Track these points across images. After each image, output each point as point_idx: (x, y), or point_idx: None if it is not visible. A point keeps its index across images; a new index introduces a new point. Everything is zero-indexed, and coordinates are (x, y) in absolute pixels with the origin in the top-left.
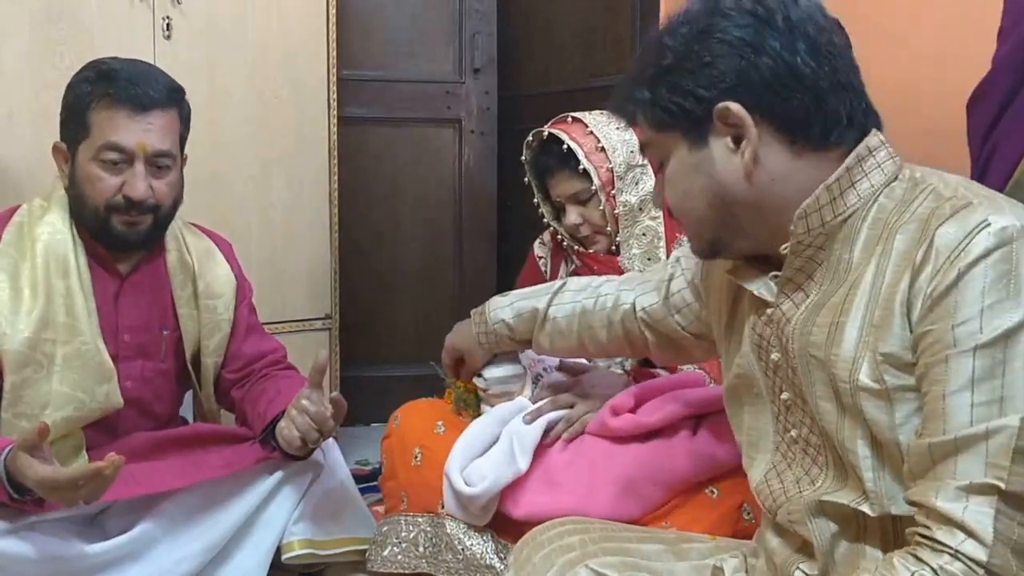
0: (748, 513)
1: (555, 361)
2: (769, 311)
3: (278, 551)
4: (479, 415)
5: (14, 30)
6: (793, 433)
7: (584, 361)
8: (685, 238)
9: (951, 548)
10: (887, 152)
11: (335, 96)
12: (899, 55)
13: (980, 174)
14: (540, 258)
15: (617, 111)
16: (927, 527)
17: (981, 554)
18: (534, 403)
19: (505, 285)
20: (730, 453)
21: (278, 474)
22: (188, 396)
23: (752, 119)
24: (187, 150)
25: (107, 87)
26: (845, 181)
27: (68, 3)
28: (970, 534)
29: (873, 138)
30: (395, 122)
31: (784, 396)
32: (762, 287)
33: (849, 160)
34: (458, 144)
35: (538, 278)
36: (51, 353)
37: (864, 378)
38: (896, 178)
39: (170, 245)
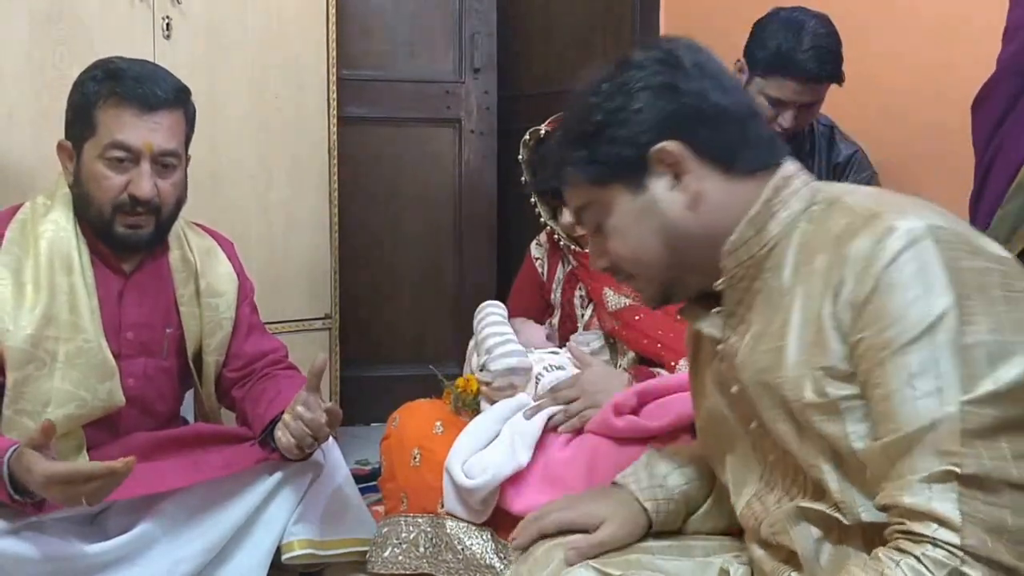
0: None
1: (556, 359)
2: (720, 347)
3: (278, 551)
4: (478, 415)
5: (14, 30)
6: (771, 458)
7: (588, 355)
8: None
9: (928, 537)
10: (802, 179)
11: (335, 96)
12: (899, 56)
13: (983, 176)
14: (537, 259)
15: (551, 179)
16: (901, 522)
17: (955, 538)
18: (535, 401)
19: (505, 285)
20: None
21: (278, 474)
22: (189, 395)
23: (688, 154)
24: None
25: (114, 86)
26: (765, 213)
27: (68, 3)
28: (941, 522)
29: (788, 167)
30: (395, 122)
31: (753, 425)
32: (710, 325)
33: (766, 192)
34: (458, 144)
35: (535, 279)
36: (53, 350)
37: (809, 394)
38: (814, 202)
39: (173, 243)
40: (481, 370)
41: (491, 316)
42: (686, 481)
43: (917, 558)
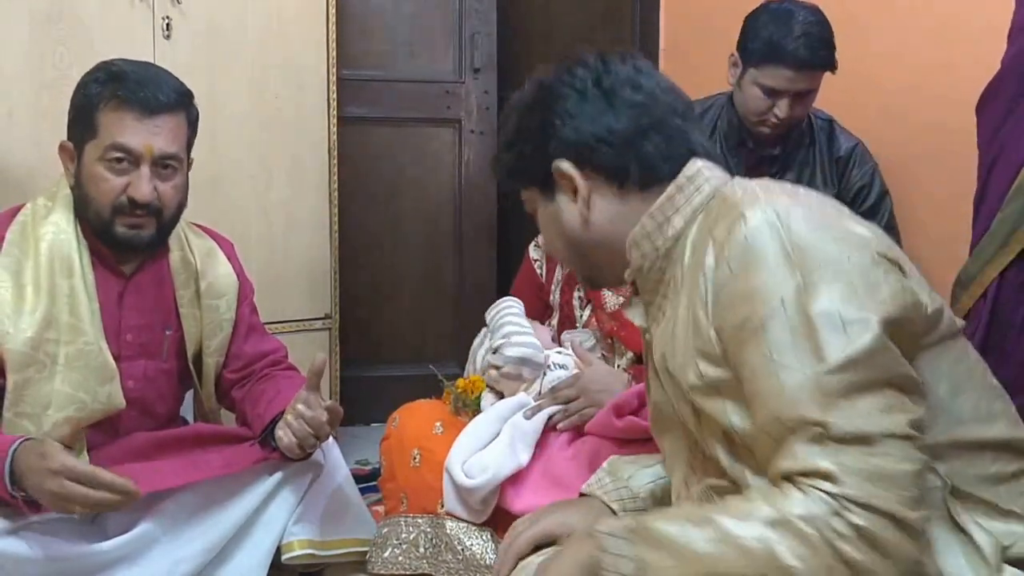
0: None
1: (561, 359)
2: (646, 336)
3: (278, 551)
4: (478, 415)
5: (14, 30)
6: (689, 442)
7: (589, 354)
8: None
9: (808, 485)
10: (704, 176)
11: (335, 96)
12: (899, 56)
13: (986, 176)
14: (535, 261)
15: (495, 174)
16: (787, 480)
17: (833, 487)
18: (535, 401)
19: (505, 285)
20: None
21: (278, 474)
22: (189, 395)
23: (582, 174)
24: None
25: (116, 88)
26: (668, 207)
27: (68, 3)
28: (821, 475)
29: (691, 167)
30: (395, 122)
31: (671, 411)
32: (635, 314)
33: (670, 189)
34: (458, 144)
35: (534, 281)
36: (54, 353)
37: (692, 377)
38: (713, 197)
39: (173, 245)
40: (494, 352)
41: (511, 308)
42: (651, 480)
43: (807, 493)
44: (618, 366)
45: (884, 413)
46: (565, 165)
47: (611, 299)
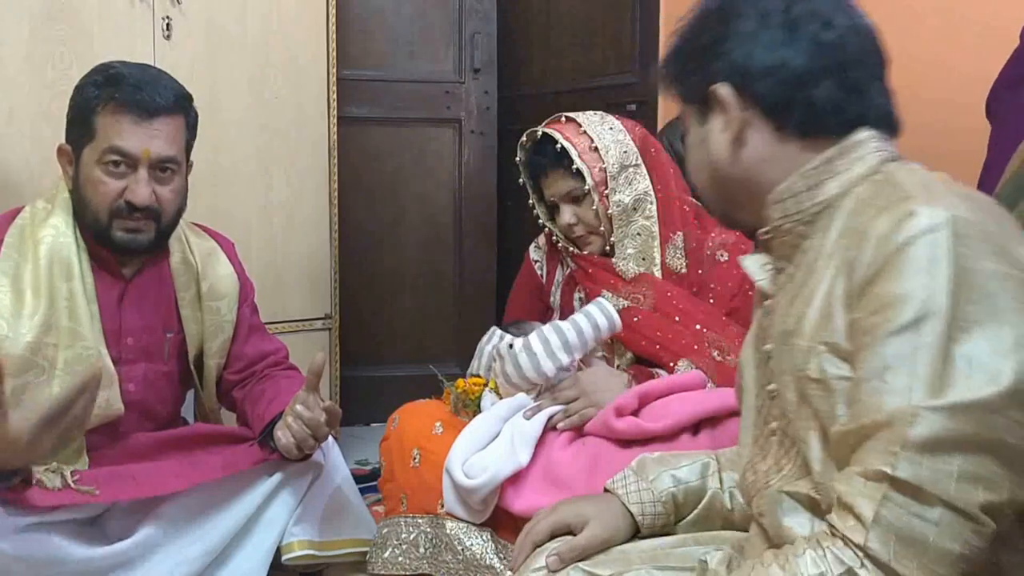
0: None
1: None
2: (767, 302)
3: (278, 552)
4: (478, 415)
5: (14, 30)
6: (773, 425)
7: (591, 355)
8: (680, 239)
9: (840, 532)
10: (873, 147)
11: (335, 96)
12: (899, 56)
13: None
14: (536, 262)
15: (660, 85)
16: (832, 511)
17: (859, 537)
18: (535, 401)
19: (505, 285)
20: None
21: (278, 475)
22: (189, 395)
23: (740, 103)
24: None
25: (114, 91)
26: (824, 170)
27: (68, 3)
28: (856, 518)
29: (862, 133)
30: (395, 122)
31: (770, 387)
32: (762, 277)
33: (831, 151)
34: (458, 144)
35: (534, 282)
36: (52, 358)
37: (813, 368)
38: (878, 171)
39: (174, 247)
40: (510, 347)
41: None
42: (674, 484)
43: (823, 551)
44: (618, 366)
45: (960, 480)
46: (724, 90)
47: (611, 301)
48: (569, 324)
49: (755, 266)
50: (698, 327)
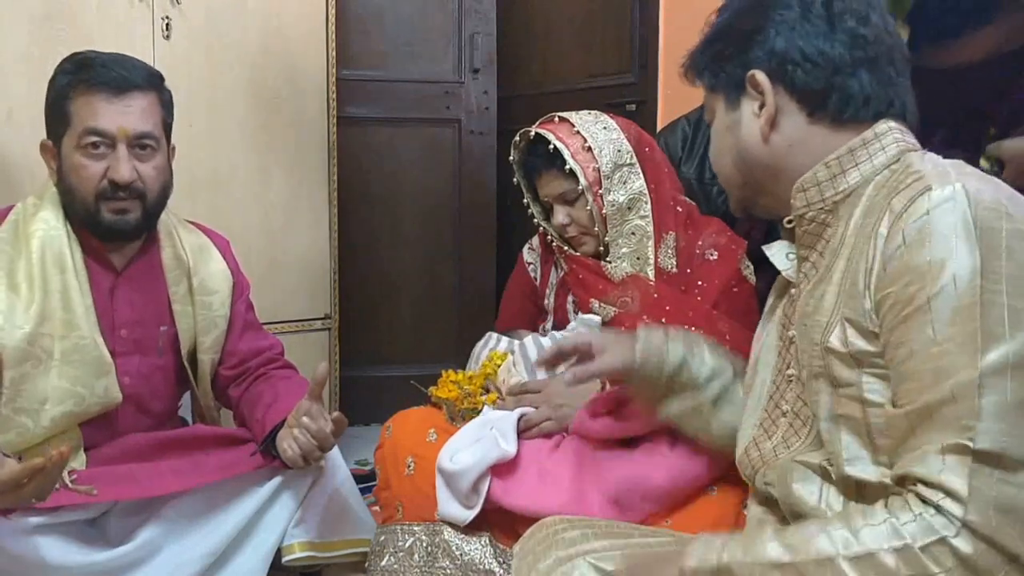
0: (748, 510)
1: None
2: (792, 291)
3: (278, 553)
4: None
5: (14, 30)
6: (784, 407)
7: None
8: (672, 238)
9: (933, 502)
10: (895, 137)
11: (335, 96)
12: None
13: None
14: (529, 264)
15: (689, 70)
16: (914, 486)
17: (958, 511)
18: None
19: (504, 285)
20: (707, 465)
21: (278, 477)
22: (188, 396)
23: (775, 88)
24: (188, 150)
25: (83, 75)
26: (847, 160)
27: (68, 3)
28: (949, 493)
29: (883, 124)
30: (395, 122)
31: (790, 372)
32: (787, 267)
33: (854, 141)
34: (458, 144)
35: (528, 284)
36: (49, 348)
37: (835, 340)
38: (897, 160)
39: (164, 241)
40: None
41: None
42: (680, 358)
43: (913, 516)
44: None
45: None
46: (761, 76)
47: (599, 309)
48: (550, 342)
49: (779, 255)
50: (686, 328)
